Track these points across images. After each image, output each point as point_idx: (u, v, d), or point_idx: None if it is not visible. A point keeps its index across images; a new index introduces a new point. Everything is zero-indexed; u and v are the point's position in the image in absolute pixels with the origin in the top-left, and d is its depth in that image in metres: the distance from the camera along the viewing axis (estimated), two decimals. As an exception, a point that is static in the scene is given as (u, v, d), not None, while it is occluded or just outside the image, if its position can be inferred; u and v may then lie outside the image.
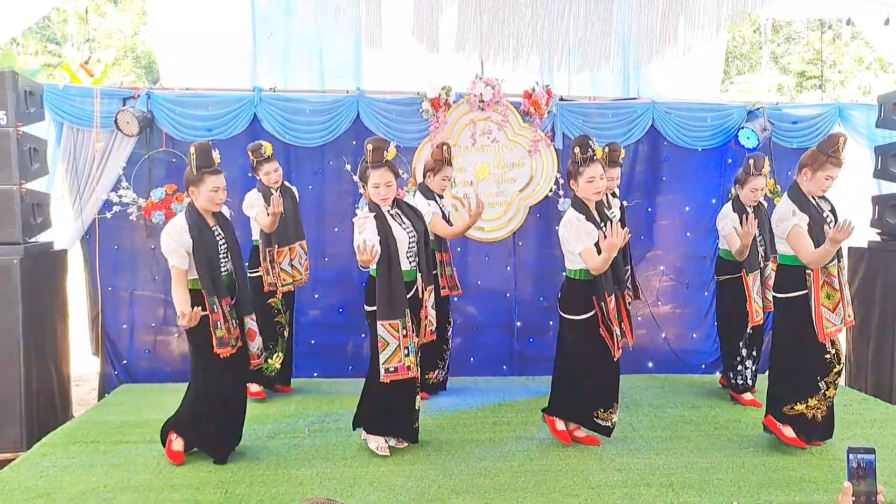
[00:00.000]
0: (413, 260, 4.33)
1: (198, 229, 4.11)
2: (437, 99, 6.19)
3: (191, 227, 4.10)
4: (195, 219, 4.14)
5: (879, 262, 6.02)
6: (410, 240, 4.30)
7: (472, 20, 5.27)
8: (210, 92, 6.21)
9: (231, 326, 4.15)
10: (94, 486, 4.04)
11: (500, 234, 6.54)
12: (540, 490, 3.97)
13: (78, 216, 6.06)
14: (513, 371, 6.61)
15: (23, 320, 5.00)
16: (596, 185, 4.26)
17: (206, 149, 4.19)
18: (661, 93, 6.62)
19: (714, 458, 4.43)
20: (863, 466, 1.86)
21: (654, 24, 5.19)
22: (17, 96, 5.09)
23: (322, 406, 5.49)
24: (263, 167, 5.40)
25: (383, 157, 4.22)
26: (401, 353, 4.19)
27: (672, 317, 6.73)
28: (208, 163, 4.14)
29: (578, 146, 4.30)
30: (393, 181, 4.26)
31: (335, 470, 4.26)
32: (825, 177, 4.28)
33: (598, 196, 4.34)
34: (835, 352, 4.38)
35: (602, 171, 4.28)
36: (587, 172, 4.25)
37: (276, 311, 5.52)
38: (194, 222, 4.12)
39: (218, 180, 4.16)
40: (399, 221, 4.31)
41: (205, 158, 4.14)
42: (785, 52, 17.46)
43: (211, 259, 4.12)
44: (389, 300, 4.17)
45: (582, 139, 4.33)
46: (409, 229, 4.32)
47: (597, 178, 4.24)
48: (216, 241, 4.18)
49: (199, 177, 4.13)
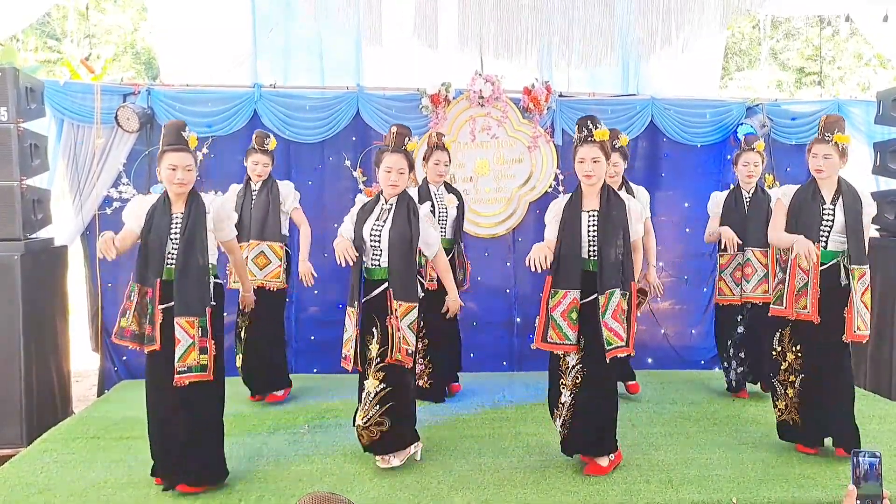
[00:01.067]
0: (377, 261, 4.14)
1: (153, 209, 3.80)
2: (437, 95, 6.19)
3: (153, 206, 3.82)
4: (160, 199, 3.83)
5: (878, 259, 6.01)
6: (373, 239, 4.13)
7: (472, 17, 5.28)
8: (210, 88, 6.23)
9: (143, 320, 3.73)
10: (95, 482, 4.04)
11: (500, 231, 6.55)
12: (539, 486, 3.98)
13: (78, 212, 6.06)
14: (512, 367, 6.62)
15: (23, 316, 5.01)
16: (586, 167, 3.98)
17: (175, 125, 3.87)
18: (660, 89, 6.62)
19: (713, 455, 4.43)
20: (868, 469, 1.85)
21: (654, 21, 5.19)
22: (17, 93, 5.10)
23: (322, 402, 5.50)
24: (255, 155, 5.31)
25: (404, 144, 4.16)
26: (351, 343, 4.15)
27: (671, 313, 6.73)
28: (172, 140, 3.80)
29: (577, 125, 4.10)
30: (405, 170, 4.14)
31: (335, 466, 4.27)
32: (812, 155, 4.27)
33: (590, 179, 4.00)
34: (780, 349, 4.38)
35: (598, 154, 3.98)
36: (579, 153, 4.03)
37: (238, 311, 5.17)
38: (158, 203, 3.82)
39: (176, 157, 3.75)
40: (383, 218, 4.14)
41: (169, 135, 3.82)
42: (784, 49, 17.44)
43: (151, 242, 3.75)
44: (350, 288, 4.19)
45: (583, 118, 4.08)
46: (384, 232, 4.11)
47: (588, 159, 3.96)
48: (168, 227, 3.76)
49: (160, 154, 3.82)
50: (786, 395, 4.41)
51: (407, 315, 4.08)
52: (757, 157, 5.45)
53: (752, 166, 5.44)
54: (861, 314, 4.20)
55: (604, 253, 3.97)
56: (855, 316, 4.19)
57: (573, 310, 4.01)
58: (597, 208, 4.04)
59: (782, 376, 4.41)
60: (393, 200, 4.17)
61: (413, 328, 4.10)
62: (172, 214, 3.80)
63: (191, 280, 3.74)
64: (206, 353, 3.74)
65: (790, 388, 4.39)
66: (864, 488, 1.84)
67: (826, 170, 4.21)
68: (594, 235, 4.01)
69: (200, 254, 3.79)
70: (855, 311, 4.18)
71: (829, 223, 4.22)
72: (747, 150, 5.48)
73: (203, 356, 3.73)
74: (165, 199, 3.83)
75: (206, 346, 3.73)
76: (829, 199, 4.25)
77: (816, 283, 4.21)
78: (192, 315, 3.71)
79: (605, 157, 4.04)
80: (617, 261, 3.99)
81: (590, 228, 4.03)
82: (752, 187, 5.46)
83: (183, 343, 3.68)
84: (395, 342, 4.05)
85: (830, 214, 4.23)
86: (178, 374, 3.68)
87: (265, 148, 5.33)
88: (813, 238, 4.16)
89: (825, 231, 4.24)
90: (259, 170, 5.32)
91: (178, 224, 3.78)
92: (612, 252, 3.98)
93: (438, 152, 5.30)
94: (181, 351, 3.68)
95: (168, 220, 3.78)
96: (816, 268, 4.20)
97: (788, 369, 4.39)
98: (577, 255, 4.03)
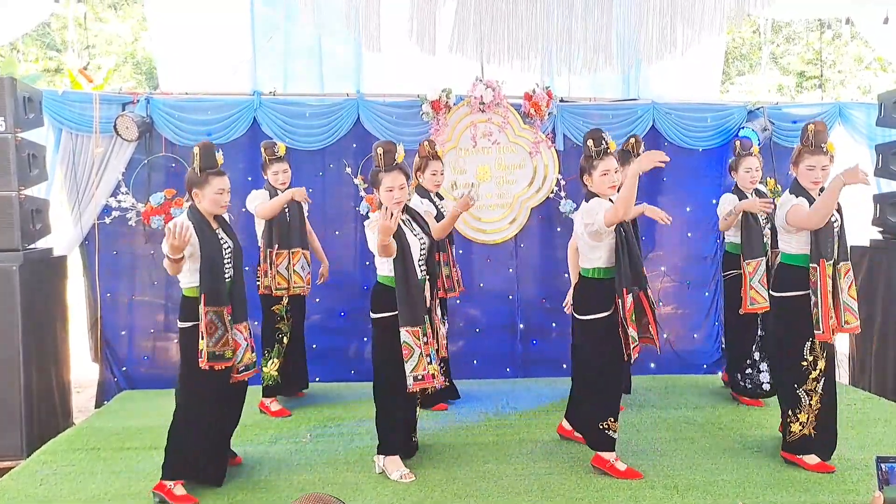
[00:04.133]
0: (423, 268, 4.19)
1: (202, 231, 3.88)
2: (438, 101, 6.18)
3: (196, 228, 3.86)
4: (198, 221, 3.90)
5: (881, 261, 6.00)
6: (422, 247, 4.18)
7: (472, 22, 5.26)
8: (210, 96, 6.21)
9: (230, 338, 3.91)
10: (95, 494, 4.02)
11: (502, 236, 6.52)
12: (544, 493, 3.94)
13: (77, 222, 6.05)
14: (516, 373, 6.58)
15: (22, 327, 4.99)
16: (611, 178, 4.07)
17: (210, 149, 3.99)
18: (661, 94, 6.62)
19: (719, 460, 4.40)
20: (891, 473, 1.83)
21: (654, 25, 5.17)
22: (15, 102, 5.08)
23: (324, 411, 5.47)
24: (273, 166, 5.34)
25: (394, 160, 4.14)
26: (424, 361, 4.05)
27: (674, 317, 6.70)
28: (212, 163, 3.95)
29: (592, 139, 4.12)
30: (405, 183, 4.14)
31: (338, 475, 4.24)
32: (807, 167, 4.19)
33: (614, 191, 4.09)
34: (812, 359, 4.16)
35: (616, 164, 4.11)
36: (601, 166, 4.07)
37: (279, 318, 5.41)
38: (198, 224, 3.88)
39: (223, 182, 3.96)
40: (410, 228, 4.18)
41: (209, 159, 3.94)
42: (785, 53, 17.44)
43: (215, 264, 3.89)
44: (410, 306, 4.02)
45: (595, 132, 4.14)
46: (421, 236, 4.19)
47: (611, 171, 4.06)
48: (220, 245, 3.95)
49: (203, 178, 3.91)
50: (809, 406, 4.21)
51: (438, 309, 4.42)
52: (757, 162, 5.46)
53: (755, 171, 5.43)
54: (853, 308, 4.15)
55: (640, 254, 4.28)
56: (842, 312, 4.11)
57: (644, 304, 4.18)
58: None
59: (809, 385, 4.19)
60: (402, 213, 4.18)
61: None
62: (216, 232, 4.00)
63: (241, 289, 4.11)
64: (253, 351, 4.12)
65: (815, 397, 4.20)
66: (889, 492, 1.81)
67: (823, 181, 4.18)
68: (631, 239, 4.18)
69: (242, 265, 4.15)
70: (841, 307, 4.11)
71: (837, 227, 4.15)
72: (746, 154, 5.45)
73: (252, 354, 4.09)
74: (204, 220, 3.95)
75: (252, 346, 4.11)
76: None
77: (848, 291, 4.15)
78: (244, 320, 4.08)
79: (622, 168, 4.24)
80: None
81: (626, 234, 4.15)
82: (752, 192, 5.44)
83: (242, 346, 4.01)
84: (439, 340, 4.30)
85: (838, 224, 4.18)
86: (239, 374, 4.00)
87: (278, 155, 5.35)
88: (831, 248, 4.08)
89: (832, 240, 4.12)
90: (282, 178, 5.36)
91: (224, 241, 4.03)
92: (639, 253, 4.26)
93: (434, 162, 5.30)
94: (241, 354, 4.00)
95: (216, 239, 3.97)
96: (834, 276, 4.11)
97: (818, 378, 4.20)
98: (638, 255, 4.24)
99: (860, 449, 4.51)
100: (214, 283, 3.88)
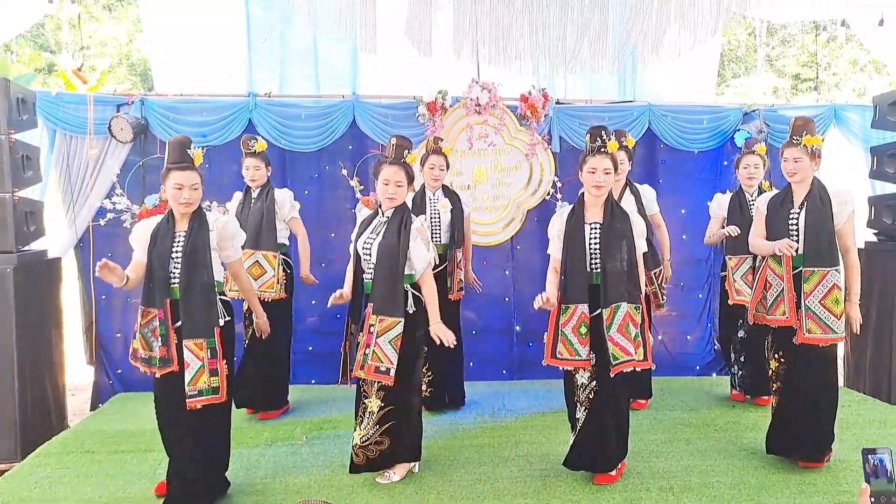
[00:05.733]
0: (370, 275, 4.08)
1: (157, 228, 3.75)
2: (434, 103, 6.18)
3: (157, 225, 3.77)
4: (164, 219, 3.78)
5: (876, 263, 6.00)
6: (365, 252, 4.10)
7: (468, 24, 5.26)
8: (205, 98, 6.20)
9: (150, 343, 3.67)
10: (90, 497, 4.00)
11: (498, 238, 6.52)
12: (539, 495, 3.94)
13: (71, 224, 6.02)
14: (512, 376, 6.58)
15: (17, 330, 4.96)
16: (597, 177, 3.97)
17: (179, 143, 3.81)
18: (657, 96, 6.63)
19: (714, 461, 4.41)
20: (878, 466, 1.84)
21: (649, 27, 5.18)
22: (9, 103, 5.07)
23: (319, 414, 5.46)
24: (245, 161, 5.30)
25: (403, 156, 4.13)
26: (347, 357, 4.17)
27: (667, 319, 6.70)
28: (177, 158, 3.76)
29: (589, 134, 4.09)
30: (404, 182, 4.07)
31: (333, 477, 4.23)
32: (783, 159, 4.29)
33: (599, 190, 4.00)
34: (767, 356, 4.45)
35: (609, 166, 4.00)
36: (590, 162, 4.01)
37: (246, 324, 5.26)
38: (162, 222, 3.77)
39: (181, 177, 3.70)
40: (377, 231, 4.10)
41: (173, 153, 3.78)
42: (780, 55, 17.51)
43: (154, 262, 3.68)
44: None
45: (596, 128, 4.11)
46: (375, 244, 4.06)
47: (599, 170, 3.96)
48: (170, 246, 3.71)
49: (164, 172, 3.77)
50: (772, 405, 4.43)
51: (389, 331, 3.98)
52: (757, 160, 5.48)
53: (753, 168, 5.45)
54: (819, 317, 4.12)
55: (607, 266, 3.95)
56: (804, 319, 4.13)
57: (582, 324, 3.98)
58: (600, 221, 4.03)
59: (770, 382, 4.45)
60: (389, 213, 4.11)
61: (395, 344, 3.96)
62: (175, 233, 3.75)
63: (196, 300, 3.67)
64: (217, 374, 3.66)
65: (775, 397, 4.40)
66: (877, 485, 1.83)
67: (798, 173, 4.20)
68: (596, 248, 4.00)
69: (205, 272, 3.72)
70: (802, 314, 4.14)
71: (795, 227, 4.20)
72: (747, 152, 5.52)
73: (214, 378, 3.65)
74: (169, 218, 3.78)
75: (216, 368, 3.66)
76: (798, 204, 4.23)
77: (791, 287, 4.19)
78: (199, 336, 3.66)
79: (615, 169, 4.08)
80: (621, 272, 3.95)
81: (591, 241, 4.02)
82: (755, 190, 5.46)
83: (192, 366, 3.62)
84: (360, 357, 4.00)
85: (796, 219, 4.21)
86: (188, 399, 3.61)
87: (252, 150, 5.27)
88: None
89: (793, 235, 4.20)
90: (251, 174, 5.28)
91: (181, 242, 3.72)
92: (617, 265, 3.95)
93: (434, 156, 5.26)
94: (191, 374, 3.62)
95: (171, 238, 3.73)
96: (789, 272, 4.19)
97: (772, 377, 4.39)
98: (583, 268, 4.01)
99: (855, 451, 4.48)
100: (149, 282, 3.71)
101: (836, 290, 4.11)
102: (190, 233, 3.73)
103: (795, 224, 4.20)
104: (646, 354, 4.00)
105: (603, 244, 3.97)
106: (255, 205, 5.27)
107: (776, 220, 4.27)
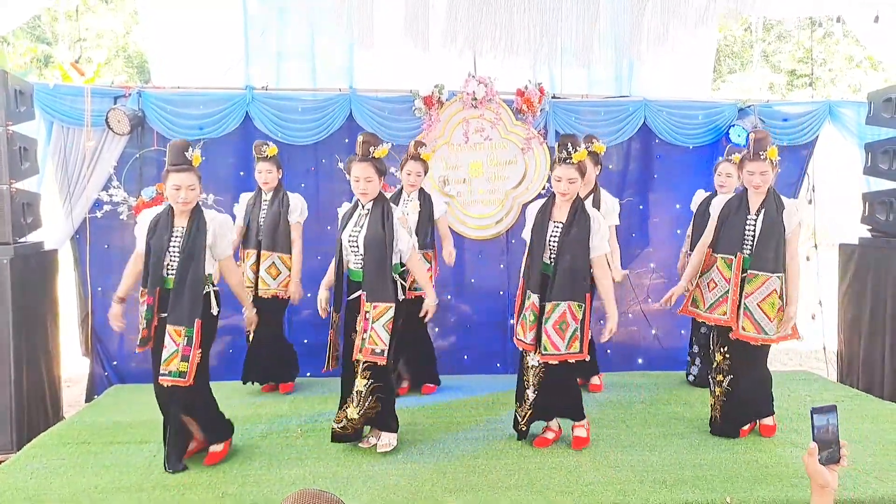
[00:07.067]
0: (357, 265, 4.35)
1: (157, 219, 4.09)
2: (430, 97, 6.19)
3: (154, 218, 4.11)
4: (164, 212, 4.11)
5: (870, 259, 6.04)
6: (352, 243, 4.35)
7: (464, 18, 5.26)
8: (202, 90, 6.19)
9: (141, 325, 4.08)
10: (85, 488, 4.01)
11: (493, 232, 6.54)
12: (534, 487, 3.96)
13: (68, 216, 6.02)
14: (506, 369, 6.59)
15: (13, 321, 4.98)
16: (562, 186, 4.25)
17: (179, 146, 4.09)
18: (653, 91, 6.64)
19: (707, 455, 4.43)
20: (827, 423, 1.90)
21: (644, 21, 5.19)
22: (6, 95, 5.07)
23: (315, 405, 5.47)
24: (258, 165, 5.45)
25: (370, 153, 4.28)
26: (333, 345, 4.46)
27: (662, 314, 6.72)
28: (175, 160, 4.04)
29: (558, 144, 4.35)
30: (374, 177, 4.27)
31: (328, 469, 4.25)
32: (748, 172, 4.46)
33: (564, 197, 4.30)
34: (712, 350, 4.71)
35: (574, 176, 4.24)
36: (556, 171, 4.29)
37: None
38: (161, 216, 4.10)
39: (179, 178, 4.02)
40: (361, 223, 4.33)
41: (173, 155, 4.06)
42: (776, 51, 17.50)
43: (152, 253, 4.03)
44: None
45: (564, 138, 4.35)
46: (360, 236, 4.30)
47: (564, 179, 4.23)
48: (168, 240, 4.05)
49: (164, 174, 4.08)
50: (714, 393, 4.71)
51: (382, 316, 4.25)
52: (731, 169, 5.58)
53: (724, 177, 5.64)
54: (754, 317, 4.41)
55: (559, 265, 4.27)
56: (741, 316, 4.42)
57: (531, 312, 4.35)
58: (563, 220, 4.31)
59: (713, 374, 4.72)
60: (369, 205, 4.33)
61: (388, 328, 4.25)
62: (174, 228, 4.08)
63: (185, 292, 4.02)
64: (188, 361, 4.00)
65: (718, 388, 4.67)
66: (824, 442, 1.90)
67: (763, 185, 4.43)
68: (555, 246, 4.30)
69: (197, 268, 4.05)
70: (740, 312, 4.42)
71: (751, 232, 4.44)
72: (724, 160, 5.68)
73: (184, 363, 3.99)
74: (169, 212, 4.10)
75: (188, 355, 4.00)
76: (754, 210, 4.47)
77: (737, 290, 4.44)
78: (180, 325, 4.01)
79: (580, 177, 4.31)
80: (569, 272, 4.26)
81: (551, 238, 4.31)
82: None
83: (168, 348, 4.00)
84: (359, 342, 4.27)
85: (753, 224, 4.44)
86: (161, 376, 4.02)
87: (264, 155, 5.41)
88: (736, 247, 4.45)
89: (748, 240, 4.45)
90: (264, 177, 5.44)
91: (179, 238, 4.06)
92: (567, 265, 4.25)
93: (412, 162, 5.40)
94: (166, 355, 4.01)
95: (169, 233, 4.05)
96: (738, 275, 4.45)
97: (717, 369, 4.65)
98: (541, 260, 4.34)
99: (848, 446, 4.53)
100: (146, 269, 4.08)
101: (774, 295, 4.39)
102: (189, 232, 4.06)
103: (753, 229, 4.44)
104: (582, 347, 4.31)
105: (560, 243, 4.28)
106: (270, 208, 5.44)
107: (731, 225, 4.51)
